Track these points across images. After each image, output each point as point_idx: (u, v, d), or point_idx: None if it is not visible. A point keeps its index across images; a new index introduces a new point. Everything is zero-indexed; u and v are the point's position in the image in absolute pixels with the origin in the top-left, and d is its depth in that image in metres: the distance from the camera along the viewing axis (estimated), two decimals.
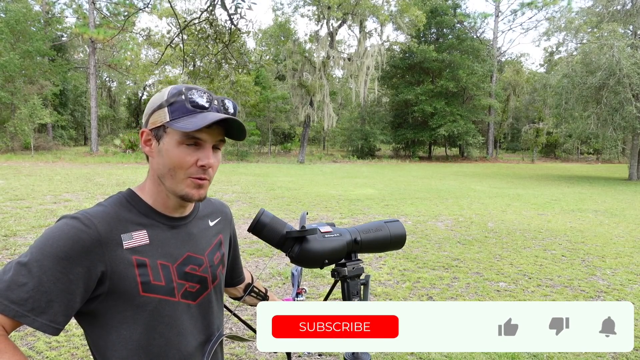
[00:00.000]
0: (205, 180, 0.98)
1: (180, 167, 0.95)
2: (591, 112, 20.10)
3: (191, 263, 1.03)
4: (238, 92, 27.31)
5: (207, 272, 1.07)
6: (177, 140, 0.94)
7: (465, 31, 37.39)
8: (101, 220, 0.93)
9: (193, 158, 0.95)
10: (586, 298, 4.54)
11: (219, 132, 0.97)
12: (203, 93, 0.95)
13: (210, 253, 1.09)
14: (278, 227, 1.06)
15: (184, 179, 0.96)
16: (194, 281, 1.04)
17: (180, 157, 0.95)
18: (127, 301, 0.94)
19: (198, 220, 1.10)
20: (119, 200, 1.01)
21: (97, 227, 0.91)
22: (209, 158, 0.96)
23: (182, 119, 0.93)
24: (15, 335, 3.33)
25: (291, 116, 35.16)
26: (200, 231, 1.09)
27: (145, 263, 0.95)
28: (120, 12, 31.29)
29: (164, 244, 1.00)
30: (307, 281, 4.80)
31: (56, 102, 32.81)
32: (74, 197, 9.91)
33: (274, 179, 16.38)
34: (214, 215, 1.17)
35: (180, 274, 1.01)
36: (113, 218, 0.95)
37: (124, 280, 0.93)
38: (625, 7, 22.18)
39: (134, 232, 0.96)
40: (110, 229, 0.93)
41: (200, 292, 1.05)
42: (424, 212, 9.66)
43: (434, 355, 3.22)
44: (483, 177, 20.67)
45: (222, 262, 1.14)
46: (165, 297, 0.98)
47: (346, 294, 1.07)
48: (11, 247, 5.70)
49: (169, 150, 0.95)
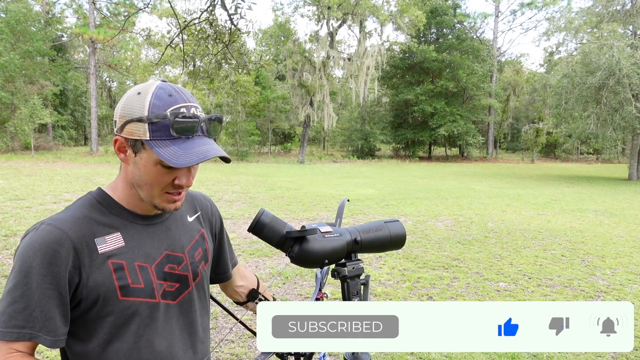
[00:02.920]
0: (180, 195, 0.96)
1: (157, 184, 0.93)
2: (591, 112, 20.10)
3: (170, 262, 1.01)
4: (238, 92, 27.33)
5: (188, 270, 1.04)
6: (155, 160, 0.90)
7: (465, 31, 37.39)
8: (72, 227, 0.90)
9: (170, 177, 0.92)
10: (586, 298, 4.54)
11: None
12: (188, 118, 0.88)
13: (190, 249, 1.06)
14: (278, 227, 1.06)
15: (159, 194, 0.94)
16: (172, 280, 1.01)
17: (158, 176, 0.91)
18: (107, 306, 0.91)
19: (176, 216, 1.07)
20: (89, 202, 0.97)
21: (68, 234, 0.88)
22: (188, 178, 0.93)
23: (165, 146, 0.87)
24: None
25: (291, 116, 35.17)
26: (179, 228, 1.06)
27: (122, 266, 0.92)
28: (120, 12, 31.30)
29: (141, 244, 0.97)
30: (307, 281, 4.81)
31: (56, 102, 32.83)
32: (74, 197, 9.91)
33: (274, 179, 16.38)
34: (193, 210, 1.13)
35: (159, 274, 0.98)
36: (84, 222, 0.92)
37: (101, 285, 0.90)
38: (625, 7, 22.18)
39: (107, 235, 0.93)
40: (83, 234, 0.90)
41: (180, 290, 1.02)
42: (424, 212, 9.66)
43: (434, 355, 3.22)
44: (483, 177, 20.67)
45: (205, 257, 1.11)
46: (146, 299, 0.95)
47: (346, 294, 1.07)
48: (11, 247, 5.70)
49: (146, 167, 0.91)
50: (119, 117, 0.92)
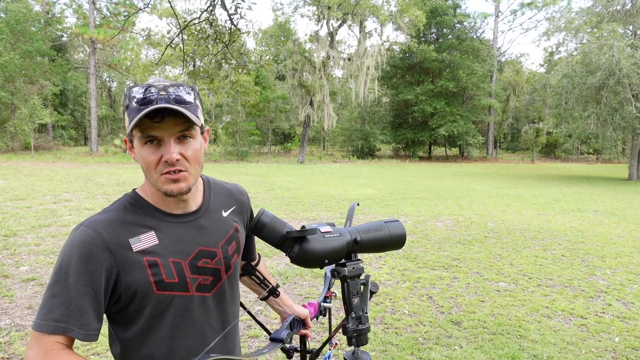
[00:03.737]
0: (179, 173, 0.96)
1: (149, 167, 0.96)
2: (591, 112, 20.10)
3: (203, 257, 1.05)
4: (238, 92, 27.33)
5: (221, 264, 1.09)
6: (140, 142, 0.95)
7: (465, 31, 37.38)
8: (106, 228, 0.96)
9: (157, 156, 0.95)
10: (586, 298, 4.54)
11: (175, 123, 0.94)
12: (143, 88, 0.93)
13: (225, 244, 1.11)
14: (278, 227, 1.06)
15: (158, 177, 0.96)
16: (207, 274, 1.06)
17: (146, 157, 0.95)
18: (144, 300, 0.98)
19: (210, 212, 1.11)
20: (123, 204, 1.03)
21: (102, 235, 0.95)
22: (170, 152, 0.94)
23: (134, 120, 0.91)
24: (16, 335, 3.33)
25: (291, 116, 35.18)
26: (213, 223, 1.10)
27: (156, 263, 0.98)
28: (120, 12, 31.30)
29: (174, 241, 1.02)
30: (307, 281, 4.81)
31: (56, 102, 32.83)
32: (74, 197, 9.91)
33: (274, 179, 16.38)
34: (228, 204, 1.17)
35: (192, 269, 1.03)
36: (118, 224, 0.98)
37: (137, 281, 0.97)
38: (625, 7, 22.18)
39: (142, 234, 0.99)
40: (117, 235, 0.96)
41: (214, 283, 1.08)
42: (424, 212, 9.66)
43: (434, 355, 3.22)
44: (483, 177, 20.67)
45: (238, 250, 1.16)
46: (180, 292, 1.01)
47: (346, 294, 1.07)
48: (11, 247, 5.70)
49: (139, 153, 0.97)
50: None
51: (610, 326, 3.84)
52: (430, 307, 4.20)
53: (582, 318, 4.01)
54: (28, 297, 4.09)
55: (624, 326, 3.84)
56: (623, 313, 4.14)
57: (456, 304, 4.30)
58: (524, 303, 4.35)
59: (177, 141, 0.95)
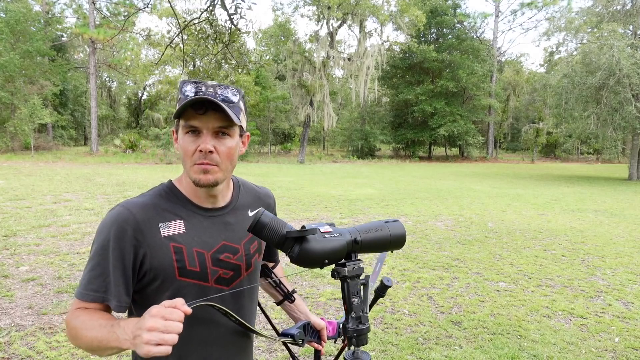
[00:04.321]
0: (209, 165, 1.02)
1: (186, 155, 1.03)
2: (591, 112, 20.10)
3: (226, 251, 1.11)
4: None
5: (242, 260, 1.14)
6: (183, 130, 1.03)
7: (465, 31, 37.39)
8: (140, 210, 1.03)
9: (194, 145, 1.01)
10: (586, 298, 4.54)
11: (215, 118, 1.01)
12: (194, 83, 1.01)
13: (247, 242, 1.15)
14: (278, 227, 1.05)
15: (191, 166, 1.03)
16: (228, 268, 1.11)
17: (185, 145, 1.02)
18: (165, 283, 1.04)
19: (237, 210, 1.17)
20: (159, 191, 1.10)
21: (135, 215, 1.02)
22: (205, 143, 1.00)
23: (179, 107, 1.00)
24: (16, 335, 3.32)
25: (291, 116, 35.17)
26: (239, 221, 1.16)
27: (181, 250, 1.04)
28: (120, 12, 31.32)
29: (200, 232, 1.08)
30: (307, 281, 4.81)
31: (56, 102, 32.83)
32: (74, 197, 9.91)
33: (274, 179, 16.39)
34: (255, 205, 1.22)
35: (214, 261, 1.09)
36: (151, 208, 1.05)
37: (162, 264, 1.03)
38: (625, 7, 22.18)
39: (171, 221, 1.05)
40: (148, 218, 1.03)
41: (233, 278, 1.12)
42: (424, 212, 9.66)
43: (434, 355, 3.22)
44: (483, 177, 20.67)
45: (259, 250, 1.20)
46: (199, 282, 1.06)
47: (346, 294, 1.07)
48: (11, 247, 5.70)
49: (180, 141, 1.04)
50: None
51: (610, 326, 3.84)
52: (430, 307, 4.20)
53: (582, 318, 4.01)
54: (28, 297, 4.09)
55: (624, 326, 3.84)
56: (623, 313, 4.14)
57: (456, 304, 4.30)
58: (524, 303, 4.35)
59: (215, 136, 1.02)
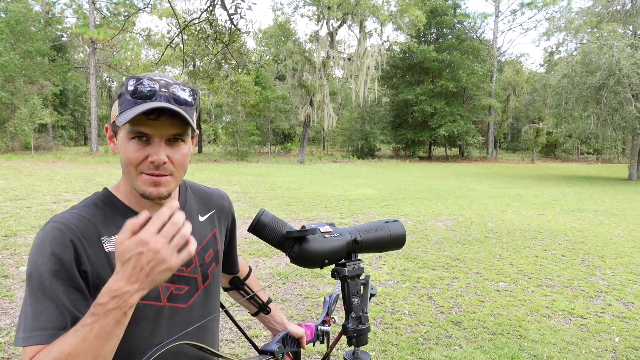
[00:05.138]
0: (162, 176, 0.89)
1: (131, 164, 0.88)
2: (591, 112, 20.11)
3: None
4: (238, 92, 27.32)
5: (197, 272, 1.01)
6: (126, 135, 0.87)
7: (465, 31, 37.40)
8: (77, 224, 0.88)
9: (142, 154, 0.87)
10: (586, 298, 4.54)
11: (170, 123, 0.86)
12: (147, 82, 0.86)
13: (200, 251, 1.02)
14: (278, 227, 1.05)
15: (137, 176, 0.89)
16: (181, 283, 0.97)
17: (130, 153, 0.87)
18: None
19: (184, 216, 1.04)
20: (94, 202, 0.95)
21: (73, 231, 0.86)
22: (158, 153, 0.86)
23: (125, 112, 0.85)
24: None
25: (291, 116, 35.16)
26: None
27: None
28: (120, 12, 31.32)
29: None
30: (307, 281, 4.81)
31: (56, 102, 32.84)
32: (74, 197, 9.91)
33: (274, 179, 16.38)
34: (206, 209, 1.09)
35: None
36: (89, 221, 0.90)
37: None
38: (625, 7, 22.18)
39: (112, 236, 0.90)
40: (89, 233, 0.88)
41: (190, 294, 0.99)
42: (424, 212, 9.66)
43: (434, 355, 3.22)
44: (483, 177, 20.67)
45: (216, 259, 1.07)
46: (150, 302, 0.91)
47: (346, 294, 1.07)
48: (11, 247, 5.70)
49: (122, 146, 0.89)
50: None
51: (610, 326, 3.84)
52: (430, 307, 4.20)
53: (582, 318, 4.01)
54: None
55: (624, 326, 3.84)
56: (623, 313, 4.14)
57: (456, 304, 4.30)
58: (524, 303, 4.35)
59: (168, 143, 0.88)
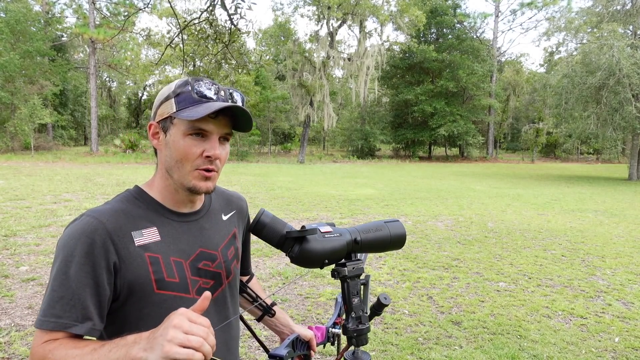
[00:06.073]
0: (212, 171, 0.97)
1: (187, 159, 0.94)
2: (591, 112, 20.11)
3: (204, 259, 1.03)
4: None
5: (221, 268, 1.06)
6: (183, 131, 0.93)
7: (465, 31, 37.39)
8: (109, 218, 0.92)
9: (199, 149, 0.94)
10: (586, 298, 4.54)
11: (225, 123, 0.95)
12: (210, 84, 0.95)
13: (224, 248, 1.08)
14: (278, 227, 1.05)
15: (191, 171, 0.95)
16: (207, 277, 1.03)
17: (187, 148, 0.94)
18: (143, 298, 0.93)
19: (210, 214, 1.09)
20: (126, 197, 1.00)
21: (105, 224, 0.90)
22: (215, 149, 0.94)
23: (188, 109, 0.92)
24: (16, 335, 3.32)
25: (291, 116, 35.19)
26: (213, 226, 1.08)
27: (158, 260, 0.95)
28: (120, 12, 31.32)
29: (176, 240, 0.99)
30: (307, 281, 4.81)
31: (56, 102, 32.82)
32: (74, 197, 9.91)
33: (274, 179, 16.38)
34: (228, 209, 1.16)
35: (193, 270, 1.00)
36: (121, 215, 0.94)
37: (138, 277, 0.92)
38: (625, 7, 22.17)
39: (144, 229, 0.95)
40: (120, 226, 0.92)
41: (215, 287, 1.04)
42: (424, 212, 9.66)
43: (434, 355, 3.22)
44: (483, 177, 20.67)
45: (237, 256, 1.13)
46: (180, 293, 0.97)
47: (346, 294, 1.07)
48: (11, 247, 5.70)
49: (175, 142, 0.95)
50: (153, 107, 1.00)
51: (610, 326, 3.84)
52: (430, 307, 4.20)
53: (582, 318, 4.01)
54: (28, 297, 4.09)
55: (624, 326, 3.84)
56: (623, 313, 4.14)
57: (456, 304, 4.30)
58: (524, 303, 4.35)
59: (220, 141, 0.96)
